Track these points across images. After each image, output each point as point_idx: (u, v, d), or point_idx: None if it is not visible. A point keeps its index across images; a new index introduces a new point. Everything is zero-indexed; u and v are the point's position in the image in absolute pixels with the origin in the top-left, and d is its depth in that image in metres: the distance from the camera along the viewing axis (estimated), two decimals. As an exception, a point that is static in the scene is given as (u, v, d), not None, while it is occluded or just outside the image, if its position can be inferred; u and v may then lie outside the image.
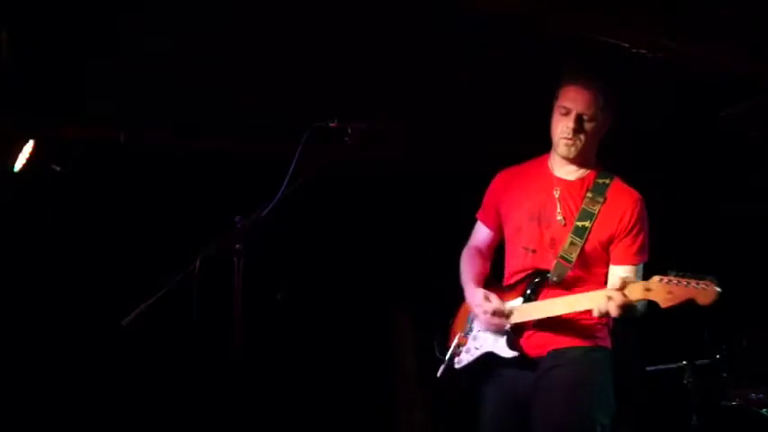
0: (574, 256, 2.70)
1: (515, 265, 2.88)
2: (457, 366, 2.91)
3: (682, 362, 4.51)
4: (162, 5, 3.56)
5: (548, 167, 2.90)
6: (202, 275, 2.48)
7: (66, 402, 4.60)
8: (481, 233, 3.15)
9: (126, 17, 3.61)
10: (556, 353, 2.70)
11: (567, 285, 2.75)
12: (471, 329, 2.93)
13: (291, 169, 2.56)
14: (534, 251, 2.80)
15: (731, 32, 3.95)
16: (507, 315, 2.73)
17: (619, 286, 2.53)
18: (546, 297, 2.74)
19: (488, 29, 3.83)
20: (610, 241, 2.74)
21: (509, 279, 2.91)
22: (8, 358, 4.47)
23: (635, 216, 2.74)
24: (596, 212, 2.72)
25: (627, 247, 2.74)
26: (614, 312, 2.50)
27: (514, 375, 2.75)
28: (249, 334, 2.52)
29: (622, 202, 2.76)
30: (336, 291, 5.43)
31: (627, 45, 3.87)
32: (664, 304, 2.47)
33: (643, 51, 3.90)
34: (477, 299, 2.81)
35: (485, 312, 2.76)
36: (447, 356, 2.94)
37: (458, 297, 3.12)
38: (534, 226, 2.82)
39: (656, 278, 2.51)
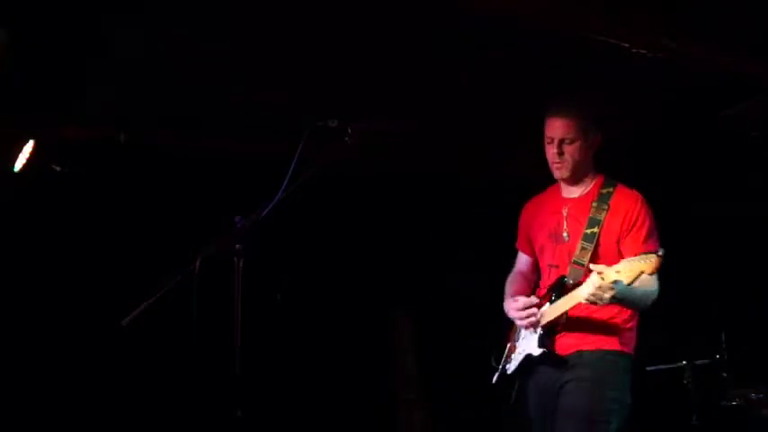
0: (585, 259, 2.98)
1: (544, 280, 3.22)
2: (508, 372, 3.19)
3: (682, 362, 4.52)
4: (162, 5, 3.55)
5: (558, 192, 3.25)
6: (202, 275, 2.48)
7: (67, 402, 4.60)
8: (521, 260, 3.50)
9: (126, 17, 3.61)
10: (582, 353, 2.97)
11: None
12: (518, 338, 3.21)
13: (291, 169, 2.56)
14: (557, 266, 3.12)
15: (731, 32, 3.94)
16: (538, 313, 3.03)
17: (598, 271, 2.74)
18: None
19: (488, 29, 3.83)
20: (618, 241, 3.01)
21: (540, 293, 3.20)
22: (8, 358, 4.47)
23: (636, 212, 3.01)
24: (603, 219, 3.02)
25: (633, 240, 2.98)
26: (596, 295, 2.70)
27: (547, 371, 3.03)
28: (249, 334, 2.52)
29: (624, 205, 3.04)
30: (336, 291, 5.43)
31: (627, 45, 3.88)
32: (626, 281, 2.65)
33: (643, 51, 3.91)
34: (510, 304, 3.17)
35: (517, 310, 3.09)
36: (501, 364, 3.22)
37: (458, 297, 3.16)
38: (552, 244, 3.16)
39: (622, 260, 2.71)
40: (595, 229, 3.00)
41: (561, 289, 3.01)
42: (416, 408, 5.81)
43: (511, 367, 3.15)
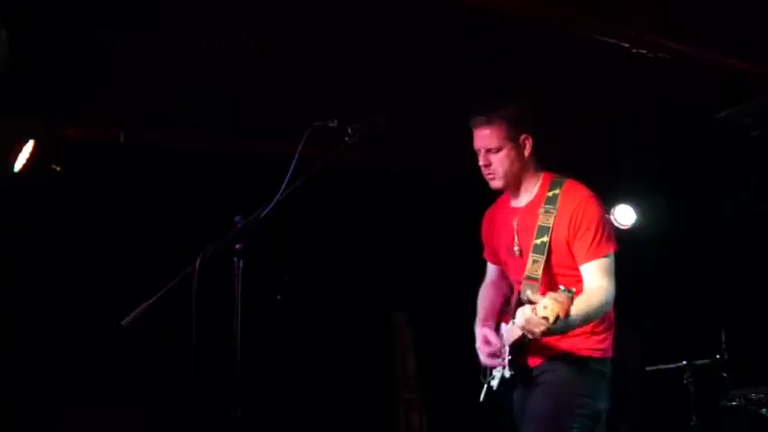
0: (539, 273, 2.83)
1: (512, 295, 3.12)
2: (494, 388, 3.12)
3: (682, 362, 4.52)
4: (162, 5, 3.56)
5: (508, 202, 3.09)
6: (202, 275, 2.48)
7: (67, 402, 4.61)
8: (490, 269, 3.39)
9: (126, 17, 3.61)
10: (550, 360, 2.90)
11: None
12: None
13: (291, 169, 2.56)
14: (519, 281, 2.97)
15: (731, 32, 3.95)
16: (502, 339, 2.98)
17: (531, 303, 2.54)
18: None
19: (489, 29, 3.83)
20: (569, 246, 2.86)
21: (513, 310, 3.05)
22: (8, 358, 4.47)
23: (580, 215, 2.82)
24: (551, 225, 2.85)
25: (582, 247, 2.82)
26: (526, 329, 2.51)
27: (524, 384, 2.97)
28: (249, 334, 2.52)
29: (569, 206, 2.85)
30: (336, 291, 5.43)
31: (627, 45, 3.87)
32: (551, 320, 2.38)
33: (643, 51, 3.90)
34: (478, 342, 3.09)
35: (483, 354, 3.06)
36: (487, 380, 3.15)
37: (457, 297, 3.16)
38: (512, 259, 3.04)
39: (548, 295, 2.41)
40: (545, 238, 2.83)
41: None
42: (416, 408, 5.81)
43: (495, 383, 3.08)
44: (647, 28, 3.83)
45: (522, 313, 2.49)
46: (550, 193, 2.89)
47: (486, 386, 3.14)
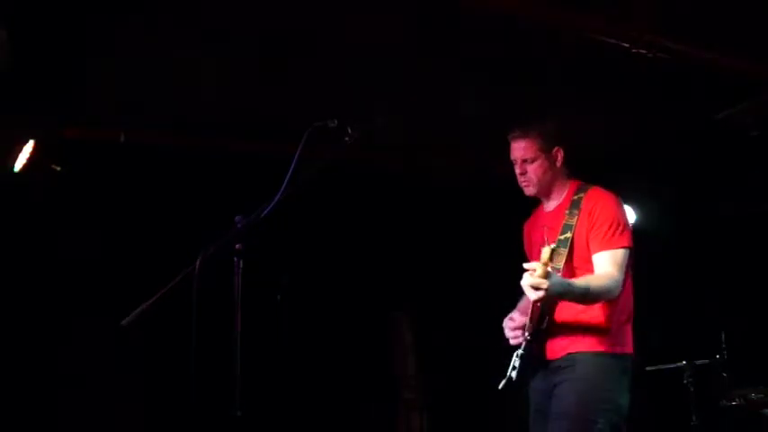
0: (561, 264, 2.99)
1: None
2: (513, 379, 3.14)
3: (682, 362, 4.52)
4: (162, 6, 3.56)
5: (542, 209, 3.33)
6: (202, 275, 2.48)
7: (67, 402, 4.60)
8: None
9: (126, 17, 3.61)
10: (571, 356, 3.00)
11: None
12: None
13: (291, 169, 2.56)
14: None
15: (731, 32, 3.95)
16: (524, 326, 3.08)
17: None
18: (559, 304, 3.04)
19: (489, 29, 3.83)
20: (588, 241, 3.03)
21: None
22: (8, 358, 4.47)
23: (599, 209, 3.03)
24: (575, 223, 3.05)
25: (596, 236, 3.00)
26: (534, 282, 2.66)
27: (542, 374, 3.08)
28: (249, 334, 2.52)
29: (591, 203, 3.07)
30: (336, 291, 5.43)
31: (627, 45, 3.88)
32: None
33: (643, 51, 3.91)
34: (506, 321, 3.19)
35: (509, 329, 3.14)
36: (508, 371, 3.16)
37: (458, 297, 3.15)
38: None
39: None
40: (568, 234, 3.03)
41: None
42: (416, 407, 5.81)
43: (515, 374, 3.13)
44: (647, 28, 3.84)
45: (524, 278, 2.68)
46: (576, 197, 3.12)
47: (507, 376, 3.15)
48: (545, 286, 2.65)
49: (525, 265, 2.73)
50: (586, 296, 2.88)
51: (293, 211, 2.81)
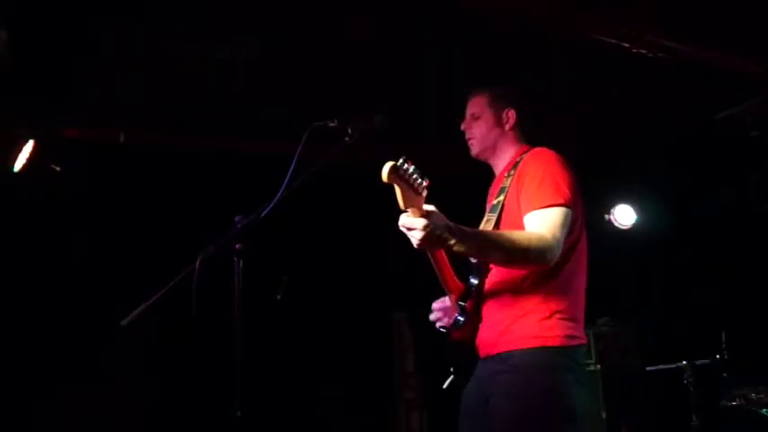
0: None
1: None
2: (454, 377, 2.84)
3: (682, 362, 4.52)
4: (162, 6, 3.56)
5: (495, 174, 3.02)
6: (202, 275, 2.48)
7: (67, 402, 4.60)
8: None
9: (126, 17, 3.61)
10: (502, 357, 2.61)
11: None
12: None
13: (291, 169, 2.56)
14: None
15: (731, 32, 3.95)
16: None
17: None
18: (491, 277, 2.73)
19: (489, 29, 3.83)
20: (519, 203, 2.67)
21: None
22: (8, 358, 4.47)
23: (532, 165, 2.68)
24: (508, 185, 2.74)
25: (526, 197, 2.61)
26: (418, 223, 2.30)
27: (475, 379, 2.71)
28: (249, 334, 2.52)
29: (526, 163, 2.74)
30: (336, 291, 5.43)
31: (627, 45, 3.88)
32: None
33: (643, 51, 3.91)
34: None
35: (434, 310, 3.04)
36: (452, 368, 2.89)
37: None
38: None
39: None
40: (501, 198, 2.72)
41: (471, 267, 2.73)
42: (416, 407, 5.81)
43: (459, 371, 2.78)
44: (647, 28, 3.84)
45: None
46: (518, 159, 2.83)
47: (452, 376, 2.83)
48: (420, 225, 2.23)
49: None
50: (500, 249, 2.44)
51: (293, 211, 2.82)
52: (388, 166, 2.22)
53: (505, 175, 2.81)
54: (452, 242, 2.34)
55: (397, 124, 2.74)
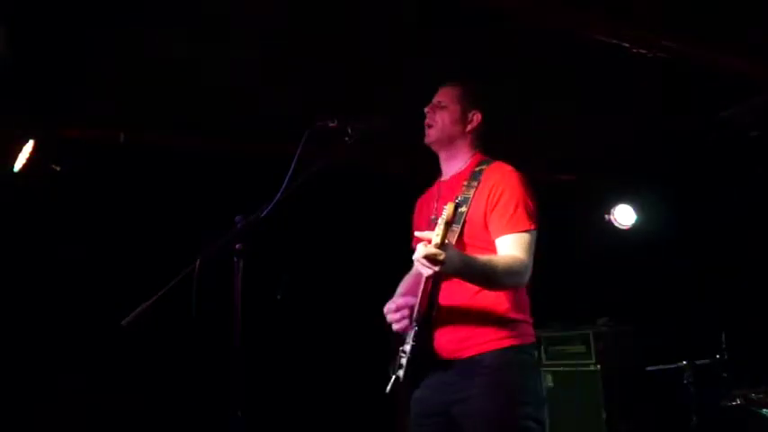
0: (453, 242, 2.66)
1: None
2: (401, 378, 2.92)
3: (682, 362, 4.52)
4: (162, 6, 3.56)
5: (439, 181, 3.02)
6: (202, 275, 2.48)
7: (67, 402, 4.60)
8: None
9: (126, 17, 3.61)
10: (473, 360, 2.68)
11: None
12: (405, 340, 2.96)
13: (291, 169, 2.56)
14: None
15: (731, 32, 3.95)
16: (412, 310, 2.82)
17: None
18: (447, 286, 2.74)
19: (488, 28, 3.83)
20: (485, 219, 2.72)
21: None
22: (8, 358, 4.47)
23: (501, 187, 2.72)
24: (471, 196, 2.75)
25: (499, 218, 2.69)
26: (429, 257, 2.36)
27: (437, 386, 2.79)
28: (249, 334, 2.52)
29: (492, 179, 2.76)
30: (337, 291, 5.43)
31: (627, 45, 3.88)
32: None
33: (643, 51, 3.91)
34: (386, 307, 3.03)
35: (389, 312, 3.00)
36: (393, 371, 2.96)
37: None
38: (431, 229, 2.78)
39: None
40: (463, 209, 2.71)
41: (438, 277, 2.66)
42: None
43: (401, 373, 2.86)
44: (647, 28, 3.84)
45: (418, 249, 2.37)
46: (477, 169, 2.83)
47: (393, 377, 2.92)
48: (442, 257, 2.32)
49: (418, 234, 2.45)
50: (490, 277, 2.56)
51: (293, 211, 2.81)
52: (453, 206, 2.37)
53: (464, 183, 2.81)
54: (459, 275, 2.54)
55: (397, 124, 2.74)
